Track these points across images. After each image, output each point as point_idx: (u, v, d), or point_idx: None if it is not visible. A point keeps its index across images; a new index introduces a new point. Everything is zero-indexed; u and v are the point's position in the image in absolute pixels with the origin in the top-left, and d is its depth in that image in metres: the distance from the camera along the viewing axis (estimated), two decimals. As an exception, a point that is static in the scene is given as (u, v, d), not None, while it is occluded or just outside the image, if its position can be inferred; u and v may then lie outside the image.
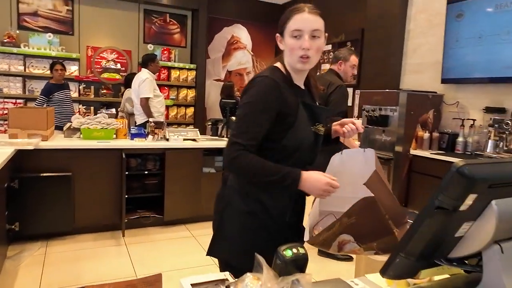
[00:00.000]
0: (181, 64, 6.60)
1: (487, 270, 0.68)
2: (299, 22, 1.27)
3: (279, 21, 1.34)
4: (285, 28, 1.29)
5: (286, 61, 1.33)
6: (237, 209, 1.33)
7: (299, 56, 1.27)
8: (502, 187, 0.63)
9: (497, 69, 3.67)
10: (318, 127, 1.37)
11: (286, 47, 1.30)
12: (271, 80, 1.25)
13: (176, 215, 3.80)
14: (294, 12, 1.29)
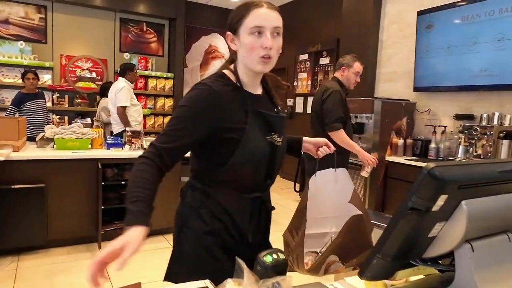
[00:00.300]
0: (158, 73, 6.56)
1: (459, 268, 0.71)
2: (260, 18, 1.11)
3: (230, 18, 1.17)
4: (241, 25, 1.13)
5: (241, 64, 1.18)
6: (195, 228, 1.20)
7: (260, 56, 1.11)
8: (471, 188, 0.66)
9: (465, 78, 3.83)
10: (274, 137, 1.20)
11: (243, 46, 1.13)
12: (209, 90, 1.11)
13: (155, 225, 3.72)
14: (252, 7, 1.12)
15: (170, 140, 1.08)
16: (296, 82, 6.75)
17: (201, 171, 1.23)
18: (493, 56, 3.58)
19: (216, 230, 1.20)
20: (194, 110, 1.10)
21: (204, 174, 1.22)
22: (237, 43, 1.16)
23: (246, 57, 1.14)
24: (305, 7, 6.53)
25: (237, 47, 1.17)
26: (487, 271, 0.71)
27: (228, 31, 1.17)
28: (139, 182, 1.04)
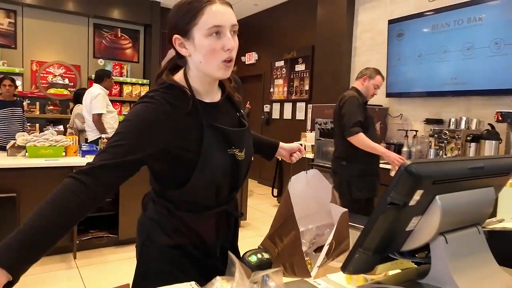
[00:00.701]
0: (133, 79, 6.49)
1: (435, 259, 0.76)
2: (217, 16, 0.96)
3: (175, 18, 1.00)
4: (195, 25, 0.96)
5: (196, 70, 1.02)
6: (159, 242, 1.10)
7: (222, 60, 0.98)
8: (444, 183, 0.71)
9: (434, 85, 4.00)
10: (235, 152, 1.08)
11: (200, 50, 0.97)
12: (158, 104, 0.96)
13: (132, 233, 3.64)
14: (204, 4, 0.95)
15: (109, 157, 0.91)
16: (273, 88, 6.84)
17: (160, 191, 1.11)
18: (461, 64, 3.76)
19: (182, 244, 1.10)
20: (140, 126, 0.94)
21: (163, 194, 1.10)
22: (189, 47, 0.99)
23: (204, 62, 0.98)
24: (280, 14, 6.65)
25: (189, 52, 0.99)
26: (460, 261, 0.76)
27: (176, 34, 0.99)
28: (43, 210, 0.84)
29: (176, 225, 1.09)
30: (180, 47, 1.00)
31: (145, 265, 1.14)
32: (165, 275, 1.08)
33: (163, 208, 1.10)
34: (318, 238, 1.23)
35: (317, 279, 0.99)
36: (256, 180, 7.17)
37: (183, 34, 0.98)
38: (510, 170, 0.87)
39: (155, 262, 1.11)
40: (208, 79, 1.04)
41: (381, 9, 4.70)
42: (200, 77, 1.03)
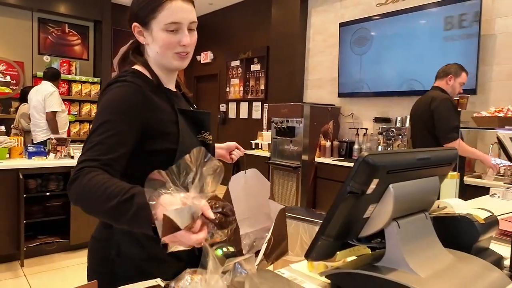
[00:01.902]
0: (83, 78, 6.20)
1: (389, 243, 0.82)
2: (176, 13, 0.98)
3: (136, 6, 1.03)
4: (154, 18, 0.99)
5: (154, 59, 1.05)
6: (133, 257, 1.02)
7: (176, 52, 1.02)
8: (397, 173, 0.78)
9: (381, 85, 4.24)
10: (205, 136, 1.11)
11: (156, 42, 1.01)
12: (132, 85, 0.97)
13: (85, 237, 3.53)
14: (164, 0, 0.98)
15: (111, 149, 0.88)
16: (229, 88, 6.85)
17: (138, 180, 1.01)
18: (405, 66, 4.01)
19: (157, 253, 1.01)
20: (123, 109, 0.93)
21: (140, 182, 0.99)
22: (147, 36, 1.02)
23: (160, 53, 1.02)
24: (236, 14, 6.68)
25: (147, 41, 1.03)
26: (411, 244, 0.83)
27: (135, 22, 1.02)
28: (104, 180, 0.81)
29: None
30: (138, 34, 1.04)
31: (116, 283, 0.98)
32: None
33: None
34: (258, 242, 1.24)
35: (280, 269, 1.04)
36: (213, 180, 7.14)
37: (142, 24, 1.01)
38: (451, 161, 0.96)
39: (126, 278, 0.98)
40: (165, 69, 1.07)
41: (332, 12, 4.88)
42: (157, 64, 1.06)
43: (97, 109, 0.99)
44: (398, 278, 0.76)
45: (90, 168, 0.84)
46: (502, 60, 3.41)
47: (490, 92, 3.44)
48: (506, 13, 3.39)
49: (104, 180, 0.81)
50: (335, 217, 0.77)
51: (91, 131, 0.93)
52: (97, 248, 1.08)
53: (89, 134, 0.93)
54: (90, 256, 1.11)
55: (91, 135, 0.92)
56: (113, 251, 1.03)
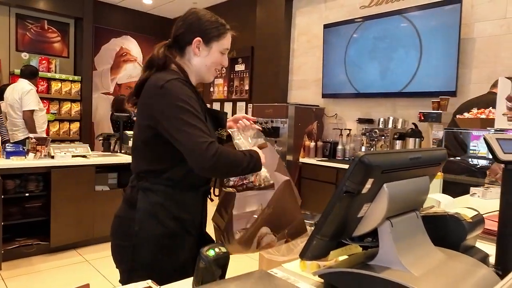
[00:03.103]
0: (63, 76, 6.06)
1: (382, 242, 0.83)
2: (229, 42, 1.31)
3: (206, 26, 1.26)
4: (216, 42, 1.27)
5: (196, 68, 1.28)
6: (153, 232, 1.19)
7: (216, 69, 1.31)
8: (391, 172, 0.79)
9: (363, 86, 4.30)
10: (221, 132, 1.33)
11: (209, 58, 1.27)
12: (185, 84, 1.18)
13: (65, 239, 3.45)
14: (227, 30, 1.31)
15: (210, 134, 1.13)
16: (213, 88, 6.82)
17: (157, 172, 1.21)
18: (388, 68, 4.08)
19: (176, 231, 1.22)
20: (189, 98, 1.14)
21: (160, 175, 1.20)
22: (202, 50, 1.27)
23: (208, 67, 1.28)
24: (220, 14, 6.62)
25: (200, 54, 1.27)
26: (404, 242, 0.84)
27: (200, 37, 1.25)
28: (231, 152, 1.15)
29: (171, 211, 1.20)
30: (195, 46, 1.26)
31: (138, 257, 1.20)
32: (161, 263, 1.20)
33: (158, 196, 1.20)
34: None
35: (273, 269, 1.04)
36: (196, 180, 7.09)
37: (205, 41, 1.26)
38: (441, 161, 0.98)
39: (149, 252, 1.19)
40: (198, 78, 1.31)
41: (316, 13, 4.92)
42: (196, 73, 1.29)
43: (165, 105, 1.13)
44: (392, 277, 0.76)
45: (217, 148, 1.09)
46: (480, 63, 3.52)
47: (469, 94, 3.54)
48: (485, 18, 3.49)
49: (230, 151, 1.15)
50: (330, 216, 0.77)
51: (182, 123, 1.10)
52: (122, 225, 1.25)
53: (182, 125, 1.10)
54: (115, 233, 1.28)
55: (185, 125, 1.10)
56: (136, 227, 1.20)
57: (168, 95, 1.12)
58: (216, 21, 1.30)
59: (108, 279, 2.98)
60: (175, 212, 1.21)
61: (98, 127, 6.52)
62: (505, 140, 1.06)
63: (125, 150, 4.21)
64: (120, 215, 1.27)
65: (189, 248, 1.26)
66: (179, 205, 1.22)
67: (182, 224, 1.23)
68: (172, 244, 1.21)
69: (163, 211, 1.20)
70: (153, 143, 1.20)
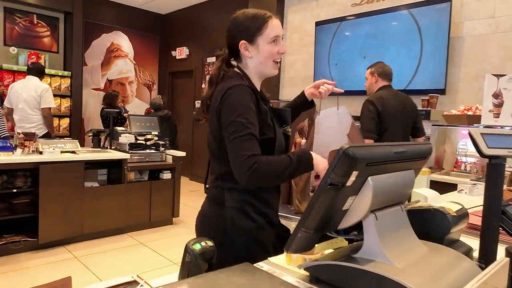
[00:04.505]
0: (52, 71, 5.98)
1: (367, 235, 0.84)
2: (277, 29, 1.28)
3: (244, 27, 1.29)
4: (260, 35, 1.26)
5: (254, 69, 1.31)
6: (245, 226, 1.28)
7: (274, 60, 1.30)
8: (376, 165, 0.79)
9: (355, 84, 4.31)
10: (286, 129, 1.38)
11: (262, 54, 1.27)
12: (248, 89, 1.22)
13: (54, 236, 3.42)
14: (267, 18, 1.28)
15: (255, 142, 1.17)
16: (204, 84, 6.79)
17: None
18: (378, 65, 4.10)
19: (262, 224, 1.30)
20: (249, 105, 1.19)
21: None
22: (252, 50, 1.28)
23: (263, 63, 1.29)
24: (212, 10, 6.62)
25: (251, 54, 1.29)
26: (388, 235, 0.85)
27: (243, 40, 1.28)
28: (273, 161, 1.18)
29: (256, 206, 1.29)
30: (244, 50, 1.29)
31: (234, 250, 1.28)
32: (248, 254, 1.21)
33: (243, 194, 1.28)
34: None
35: (259, 262, 1.04)
36: (187, 177, 7.07)
37: (249, 40, 1.27)
38: (426, 155, 0.99)
39: (245, 245, 1.27)
40: (260, 76, 1.34)
41: (308, 11, 4.93)
42: (256, 73, 1.32)
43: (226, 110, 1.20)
44: (375, 269, 0.77)
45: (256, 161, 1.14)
46: (469, 62, 3.55)
47: (458, 92, 3.57)
48: (473, 17, 3.53)
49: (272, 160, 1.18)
50: (315, 209, 0.77)
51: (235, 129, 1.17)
52: (211, 222, 1.32)
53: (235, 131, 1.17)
54: (204, 231, 1.35)
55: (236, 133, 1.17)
56: (228, 222, 1.27)
57: (225, 107, 1.20)
58: (252, 17, 1.29)
59: (97, 276, 2.96)
60: (261, 207, 1.30)
61: (88, 123, 6.45)
62: (489, 135, 1.07)
63: (115, 146, 4.18)
64: (208, 213, 1.35)
65: (274, 239, 1.35)
66: (263, 201, 1.30)
67: (267, 218, 1.31)
68: (262, 236, 1.29)
69: (250, 207, 1.28)
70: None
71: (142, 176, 4.18)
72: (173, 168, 4.29)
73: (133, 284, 0.96)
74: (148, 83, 7.42)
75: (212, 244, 1.04)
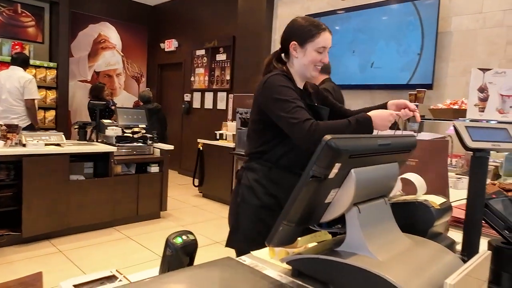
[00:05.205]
0: (37, 62, 5.85)
1: (349, 228, 0.83)
2: (326, 41, 1.43)
3: (299, 30, 1.44)
4: (311, 42, 1.42)
5: (296, 68, 1.47)
6: (252, 204, 1.44)
7: (316, 66, 1.45)
8: (359, 158, 0.78)
9: (344, 78, 4.31)
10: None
11: (306, 58, 1.43)
12: (285, 76, 1.40)
13: (38, 230, 3.36)
14: (321, 30, 1.43)
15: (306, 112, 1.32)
16: (193, 77, 6.73)
17: (260, 153, 1.46)
18: (367, 60, 4.10)
19: (270, 205, 1.42)
20: (287, 86, 1.36)
21: (262, 156, 1.45)
22: (299, 52, 1.45)
23: (306, 65, 1.44)
24: (202, 2, 6.54)
25: (297, 55, 1.45)
26: (371, 228, 0.84)
27: (294, 41, 1.44)
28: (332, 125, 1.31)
29: (266, 187, 1.43)
30: (293, 50, 1.45)
31: (238, 223, 1.47)
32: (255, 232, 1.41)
33: (256, 174, 1.44)
34: None
35: (241, 256, 1.02)
36: (176, 171, 7.03)
37: (300, 43, 1.44)
38: (411, 148, 0.98)
39: (247, 220, 1.45)
40: (301, 76, 1.49)
41: (298, 4, 4.89)
42: (298, 73, 1.48)
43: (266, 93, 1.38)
44: (357, 262, 0.76)
45: (313, 124, 1.27)
46: (457, 57, 3.57)
47: (445, 87, 3.59)
48: (462, 12, 3.54)
49: (331, 123, 1.33)
50: (297, 202, 0.76)
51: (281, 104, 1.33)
52: (233, 196, 1.54)
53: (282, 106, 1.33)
54: (230, 201, 1.56)
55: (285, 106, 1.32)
56: (238, 198, 1.49)
57: (268, 88, 1.37)
58: (309, 24, 1.44)
59: (82, 270, 2.93)
60: (272, 189, 1.43)
61: (75, 116, 6.35)
62: (474, 128, 1.07)
63: (102, 139, 4.12)
64: (233, 189, 1.56)
65: None
66: (276, 184, 1.42)
67: (277, 201, 1.42)
68: (268, 217, 1.39)
69: (260, 187, 1.43)
70: (260, 131, 1.45)
71: (129, 170, 4.13)
72: (161, 161, 4.25)
73: (112, 279, 0.94)
74: (136, 75, 7.32)
75: (193, 238, 1.02)
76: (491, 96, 1.78)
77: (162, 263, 0.96)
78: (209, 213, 4.65)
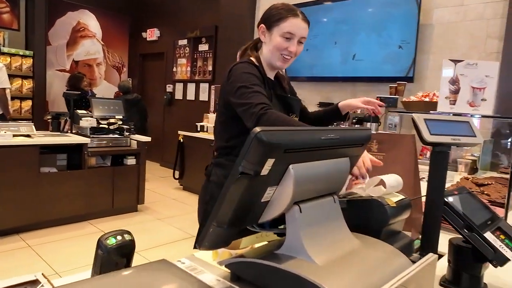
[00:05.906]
0: (12, 50, 5.66)
1: (289, 228, 0.76)
2: (293, 27, 1.32)
3: (267, 13, 1.36)
4: (276, 26, 1.33)
5: (265, 54, 1.39)
6: None
7: (282, 54, 1.34)
8: (297, 153, 0.70)
9: (326, 70, 4.24)
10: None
11: (271, 43, 1.35)
12: (253, 64, 1.33)
13: (6, 224, 3.24)
14: (290, 14, 1.32)
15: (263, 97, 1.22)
16: (176, 67, 6.59)
17: (229, 149, 1.38)
18: (349, 51, 4.03)
19: None
20: (252, 74, 1.28)
21: (231, 151, 1.37)
22: (266, 37, 1.37)
23: (271, 52, 1.36)
24: (184, -9, 6.38)
25: (265, 40, 1.38)
26: (314, 228, 0.77)
27: (262, 24, 1.37)
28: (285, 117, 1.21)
29: None
30: (261, 34, 1.39)
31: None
32: None
33: (226, 170, 1.36)
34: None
35: (182, 258, 0.95)
36: (158, 163, 6.91)
37: (267, 27, 1.36)
38: (364, 141, 0.91)
39: None
40: (270, 65, 1.41)
41: (281, -7, 4.79)
42: (266, 61, 1.40)
43: (232, 80, 1.30)
44: (293, 267, 0.69)
45: (267, 110, 1.17)
46: (438, 49, 3.52)
47: (426, 80, 3.55)
48: (443, 4, 3.48)
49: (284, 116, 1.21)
50: (226, 201, 0.68)
51: (241, 88, 1.25)
52: (201, 194, 1.47)
53: (240, 91, 1.24)
54: (199, 199, 1.50)
55: (242, 90, 1.24)
56: (207, 196, 1.42)
57: (231, 76, 1.31)
58: (281, 7, 1.34)
59: (50, 266, 2.83)
60: None
61: (53, 106, 6.17)
62: (434, 121, 1.01)
63: (76, 130, 3.99)
64: (202, 186, 1.47)
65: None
66: None
67: None
68: None
69: None
70: (226, 124, 1.38)
71: (104, 162, 4.01)
72: (137, 153, 4.14)
73: (35, 284, 0.86)
74: (117, 65, 7.14)
75: (130, 238, 0.94)
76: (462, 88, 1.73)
77: (93, 265, 0.89)
78: (188, 206, 4.57)
